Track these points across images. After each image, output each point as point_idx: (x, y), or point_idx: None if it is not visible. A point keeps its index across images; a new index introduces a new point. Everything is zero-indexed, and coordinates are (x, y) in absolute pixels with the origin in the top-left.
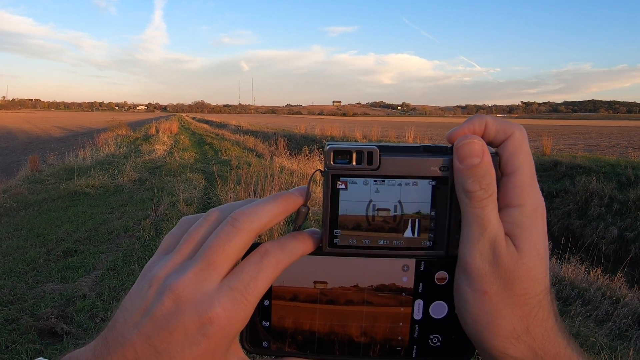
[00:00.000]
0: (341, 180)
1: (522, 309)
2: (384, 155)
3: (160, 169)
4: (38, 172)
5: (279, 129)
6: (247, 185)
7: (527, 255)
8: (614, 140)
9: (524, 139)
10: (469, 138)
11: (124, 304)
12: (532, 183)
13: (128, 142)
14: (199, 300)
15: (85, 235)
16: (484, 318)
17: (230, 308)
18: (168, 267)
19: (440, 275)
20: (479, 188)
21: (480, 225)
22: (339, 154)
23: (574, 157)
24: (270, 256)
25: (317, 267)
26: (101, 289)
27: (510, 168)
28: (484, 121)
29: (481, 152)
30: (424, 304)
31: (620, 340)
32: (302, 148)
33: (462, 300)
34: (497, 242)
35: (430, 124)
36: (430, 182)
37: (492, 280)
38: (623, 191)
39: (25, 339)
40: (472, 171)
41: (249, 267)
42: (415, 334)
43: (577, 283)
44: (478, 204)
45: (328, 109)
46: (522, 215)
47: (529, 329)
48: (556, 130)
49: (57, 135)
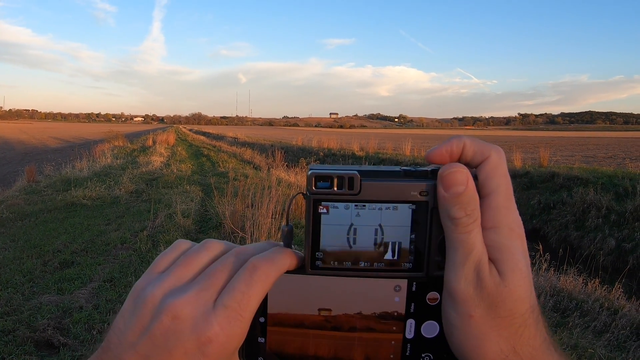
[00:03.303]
0: (323, 205)
1: (508, 330)
2: (365, 180)
3: (157, 180)
4: (35, 183)
5: (276, 141)
6: (245, 197)
7: (510, 276)
8: (611, 152)
9: (501, 161)
10: (453, 167)
11: (116, 324)
12: (508, 204)
13: (125, 153)
14: (197, 320)
15: (82, 247)
16: (471, 341)
17: (227, 326)
18: (164, 287)
19: (431, 296)
20: (464, 214)
21: (465, 249)
22: (320, 178)
23: (571, 168)
24: (259, 271)
25: (308, 287)
26: (98, 301)
27: (486, 190)
28: (462, 142)
29: (466, 180)
30: (416, 324)
31: (618, 351)
32: (299, 160)
33: (448, 324)
34: (481, 266)
35: (428, 136)
36: (410, 206)
37: (477, 304)
38: (620, 202)
39: (22, 350)
40: (457, 199)
41: (239, 284)
42: (407, 352)
43: (575, 294)
44: (463, 229)
45: (325, 121)
46: (499, 236)
47: (515, 349)
48: (553, 142)
49: (54, 146)
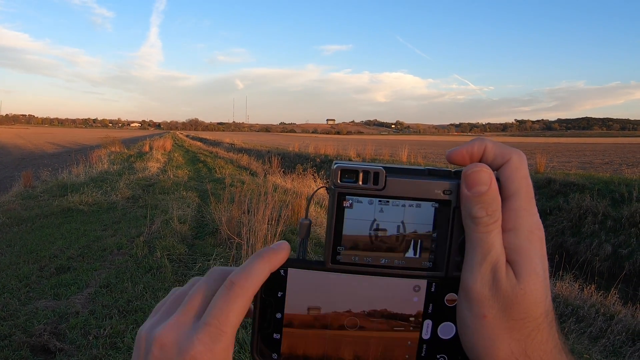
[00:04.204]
0: (347, 199)
1: (520, 333)
2: (390, 176)
3: (153, 186)
4: (31, 188)
5: (272, 147)
6: (241, 203)
7: (526, 279)
8: (608, 158)
9: (522, 164)
10: (477, 167)
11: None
12: (529, 207)
13: (122, 159)
14: (181, 343)
15: (78, 252)
16: (483, 342)
17: (209, 342)
18: (153, 324)
19: (450, 297)
20: (485, 214)
21: (483, 249)
22: (346, 172)
23: (568, 174)
24: (235, 287)
25: (329, 282)
26: (94, 306)
27: (507, 192)
28: (483, 145)
29: (489, 180)
30: (433, 324)
31: (614, 356)
32: (295, 166)
33: (462, 324)
34: (498, 267)
35: (424, 142)
36: (433, 204)
37: (492, 305)
38: (617, 208)
39: (18, 355)
40: (480, 198)
41: (218, 302)
42: (422, 352)
43: (571, 300)
44: (484, 229)
45: (322, 127)
46: (518, 238)
47: (527, 352)
48: (550, 148)
49: (50, 151)
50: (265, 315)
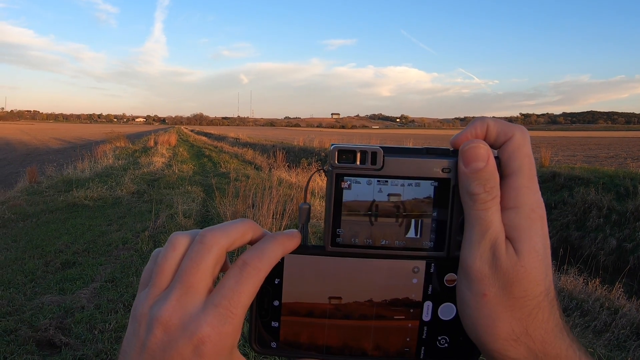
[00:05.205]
0: (345, 180)
1: (521, 311)
2: (388, 155)
3: (158, 181)
4: (36, 184)
5: (277, 141)
6: (246, 197)
7: (526, 257)
8: (613, 151)
9: (525, 141)
10: (474, 142)
11: (123, 347)
12: (530, 184)
13: (126, 154)
14: (187, 324)
15: (83, 247)
16: (484, 321)
17: (218, 324)
18: (149, 300)
19: (450, 277)
20: (483, 191)
21: (482, 227)
22: (343, 153)
23: (573, 168)
24: (248, 267)
25: (327, 268)
26: (99, 301)
27: (508, 170)
28: (485, 123)
29: (486, 156)
30: (433, 306)
31: (618, 351)
32: (300, 160)
33: (462, 303)
34: (498, 245)
35: (429, 136)
36: (432, 183)
37: (491, 283)
38: (622, 202)
39: (24, 350)
40: (477, 174)
41: (229, 282)
42: (423, 335)
43: (575, 294)
44: (481, 206)
45: (327, 122)
46: (519, 217)
47: (528, 331)
48: (555, 142)
49: (55, 147)
50: (263, 303)
